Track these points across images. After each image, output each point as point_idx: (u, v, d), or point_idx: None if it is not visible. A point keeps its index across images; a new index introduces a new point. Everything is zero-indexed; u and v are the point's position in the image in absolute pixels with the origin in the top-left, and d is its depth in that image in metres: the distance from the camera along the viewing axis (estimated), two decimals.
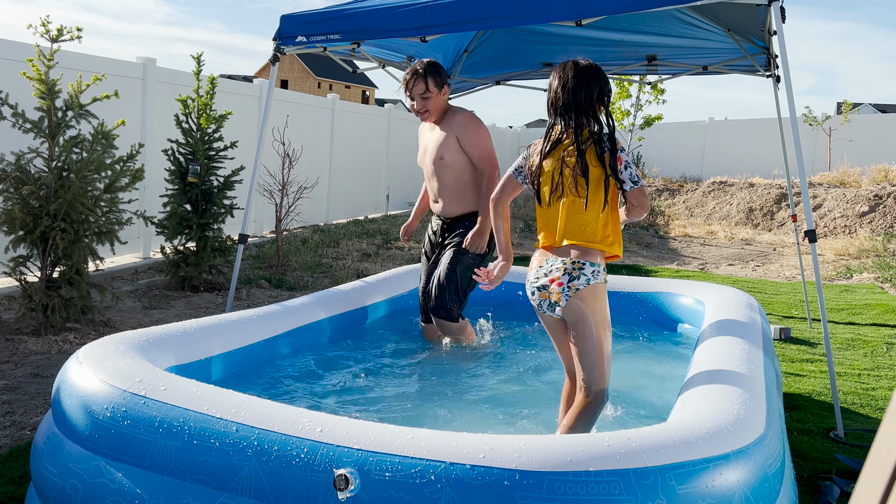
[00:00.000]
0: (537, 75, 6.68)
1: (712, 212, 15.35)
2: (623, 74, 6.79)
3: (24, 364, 4.48)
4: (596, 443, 1.87)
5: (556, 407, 3.12)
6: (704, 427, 2.02)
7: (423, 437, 1.87)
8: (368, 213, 14.39)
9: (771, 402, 2.43)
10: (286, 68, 61.55)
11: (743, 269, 10.03)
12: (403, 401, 3.26)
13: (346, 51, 5.38)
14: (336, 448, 1.84)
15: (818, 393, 4.42)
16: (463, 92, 7.07)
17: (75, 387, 2.22)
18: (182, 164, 6.76)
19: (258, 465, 1.85)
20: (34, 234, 4.85)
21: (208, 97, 6.79)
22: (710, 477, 1.86)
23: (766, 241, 12.61)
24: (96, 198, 5.11)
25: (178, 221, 6.69)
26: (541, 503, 1.72)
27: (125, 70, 7.87)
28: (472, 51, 6.41)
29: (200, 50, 6.76)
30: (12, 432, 3.50)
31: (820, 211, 13.51)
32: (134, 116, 7.95)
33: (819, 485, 3.09)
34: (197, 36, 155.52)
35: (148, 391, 2.10)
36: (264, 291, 6.99)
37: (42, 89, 4.93)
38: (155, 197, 7.55)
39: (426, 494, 1.75)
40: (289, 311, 3.60)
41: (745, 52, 5.28)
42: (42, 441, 2.22)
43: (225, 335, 3.08)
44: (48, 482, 2.09)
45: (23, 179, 4.84)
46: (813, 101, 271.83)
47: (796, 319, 6.61)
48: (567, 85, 2.78)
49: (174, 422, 1.98)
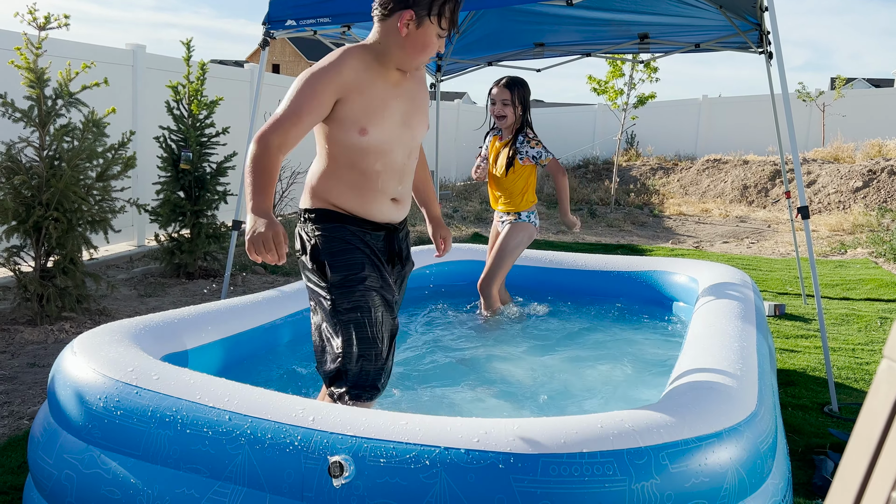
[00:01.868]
0: (529, 55, 6.65)
1: (707, 190, 15.35)
2: (615, 53, 6.75)
3: (20, 354, 4.48)
4: (589, 424, 1.88)
5: (560, 394, 3.13)
6: (696, 406, 2.03)
7: (417, 423, 1.88)
8: None
9: (763, 379, 2.44)
10: (278, 52, 61.16)
11: (738, 246, 10.05)
12: (400, 384, 3.27)
13: (336, 34, 5.34)
14: (330, 435, 1.85)
15: (812, 368, 4.45)
16: (455, 73, 7.03)
17: (70, 377, 2.22)
18: (174, 151, 6.73)
19: (252, 454, 1.86)
20: (27, 224, 4.84)
21: (199, 83, 6.75)
22: (703, 455, 1.87)
23: (761, 218, 12.62)
24: (89, 186, 5.09)
25: (171, 209, 6.68)
26: (536, 485, 1.74)
27: (114, 57, 7.81)
28: (463, 31, 6.37)
29: (190, 35, 6.71)
30: (10, 422, 3.51)
31: (814, 187, 13.52)
32: (124, 104, 7.89)
33: (813, 459, 3.12)
34: (186, 21, 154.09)
35: (140, 381, 2.10)
36: (260, 277, 6.98)
37: (31, 78, 4.89)
38: (148, 184, 7.52)
39: (421, 480, 1.76)
40: (285, 297, 3.60)
41: (738, 28, 5.25)
42: (38, 432, 2.22)
43: (221, 322, 3.08)
44: (44, 472, 2.10)
45: (14, 169, 4.82)
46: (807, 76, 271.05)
47: (791, 296, 6.63)
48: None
49: (167, 411, 1.98)
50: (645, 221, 12.37)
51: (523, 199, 4.50)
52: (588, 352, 3.84)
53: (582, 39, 6.22)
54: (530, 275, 4.98)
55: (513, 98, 4.39)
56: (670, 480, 1.81)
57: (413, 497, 1.75)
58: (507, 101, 4.39)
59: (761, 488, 2.02)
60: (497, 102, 4.41)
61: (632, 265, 4.83)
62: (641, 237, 10.84)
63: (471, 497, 1.74)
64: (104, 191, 5.17)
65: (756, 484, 1.99)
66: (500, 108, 4.41)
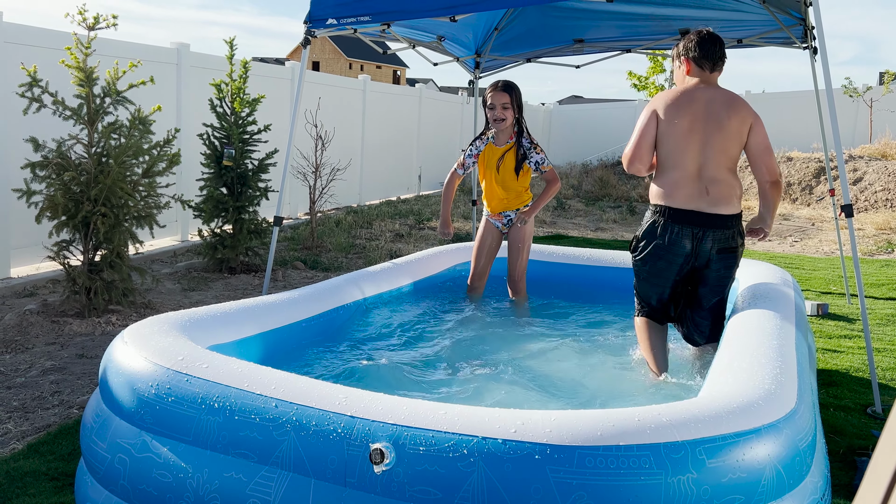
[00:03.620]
0: (568, 52, 6.63)
1: (749, 187, 15.12)
2: (656, 49, 6.71)
3: (69, 345, 4.62)
4: (626, 417, 1.89)
5: (595, 388, 3.15)
6: (735, 402, 2.03)
7: (456, 412, 1.92)
8: (400, 194, 14.45)
9: (803, 377, 2.43)
10: (318, 50, 61.67)
11: (780, 244, 9.90)
12: (438, 375, 3.31)
13: (376, 32, 5.39)
14: (371, 423, 1.89)
15: (855, 369, 4.38)
16: (493, 70, 7.05)
17: (121, 365, 2.31)
18: (217, 147, 6.86)
19: (297, 440, 1.92)
20: (76, 219, 4.98)
21: (241, 81, 6.87)
22: (741, 451, 1.88)
23: (805, 216, 12.40)
24: (135, 182, 5.22)
25: (214, 205, 6.81)
26: (572, 476, 1.76)
27: (160, 56, 7.98)
28: (502, 29, 6.39)
29: (232, 33, 6.86)
30: (60, 411, 3.63)
31: (860, 184, 13.24)
32: (169, 101, 8.07)
33: (855, 460, 3.09)
34: (228, 19, 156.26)
35: (190, 369, 2.18)
36: (300, 272, 7.09)
37: (80, 77, 5.04)
38: (191, 181, 7.68)
39: (459, 468, 1.79)
40: (325, 292, 3.66)
41: (781, 23, 5.18)
42: (91, 418, 2.31)
43: (264, 316, 3.15)
44: (98, 457, 2.18)
45: (64, 165, 4.97)
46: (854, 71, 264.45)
47: (834, 295, 6.52)
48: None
49: (216, 398, 2.05)
50: None
51: (526, 194, 4.71)
52: (621, 347, 3.84)
53: (622, 35, 6.19)
54: (560, 270, 4.99)
55: (511, 101, 4.50)
56: (707, 475, 1.82)
57: (451, 485, 1.79)
58: (506, 105, 4.49)
59: (800, 486, 2.02)
60: (497, 106, 4.49)
61: None
62: None
63: (507, 486, 1.77)
64: (150, 187, 5.30)
65: (795, 482, 1.99)
66: (500, 112, 4.50)
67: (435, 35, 6.02)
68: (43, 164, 4.95)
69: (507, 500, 1.77)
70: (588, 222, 11.70)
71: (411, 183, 15.01)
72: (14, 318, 4.97)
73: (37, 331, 4.84)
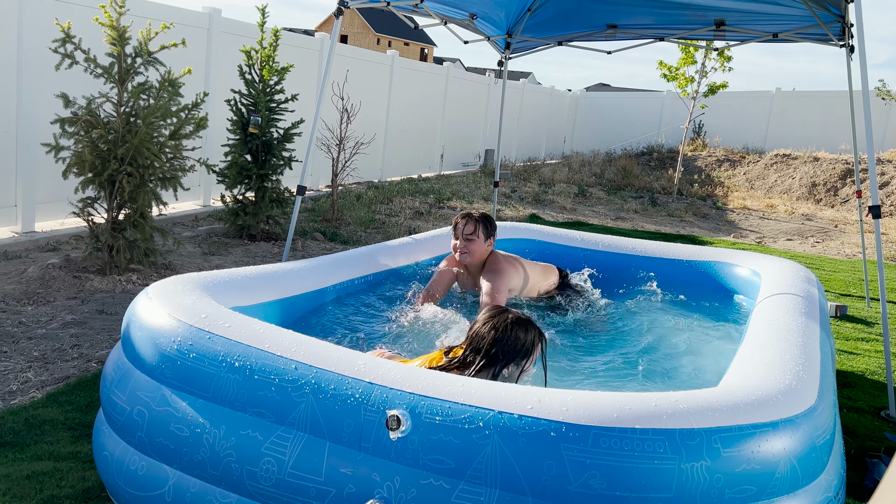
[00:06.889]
0: (601, 37, 6.57)
1: (773, 185, 14.97)
2: (689, 39, 6.62)
3: (90, 301, 4.68)
4: (644, 402, 1.89)
5: (614, 374, 3.14)
6: (754, 394, 2.02)
7: (474, 385, 1.93)
8: (422, 172, 14.43)
9: (825, 376, 2.41)
10: (346, 24, 61.45)
11: (802, 244, 9.81)
12: None
13: (409, 6, 5.37)
14: (389, 390, 1.91)
15: (871, 372, 4.35)
16: (524, 52, 7.00)
17: (144, 320, 2.33)
18: (244, 114, 6.88)
19: (315, 402, 1.93)
20: (102, 177, 5.02)
21: (271, 49, 6.87)
22: (756, 443, 1.87)
23: (828, 218, 12.27)
24: (161, 144, 5.25)
25: (238, 171, 6.84)
26: (585, 455, 1.76)
27: (191, 19, 7.99)
28: (535, 10, 6.33)
29: (264, 1, 6.81)
30: (80, 364, 3.68)
31: (887, 189, 13.07)
32: (198, 66, 8.08)
33: (866, 462, 3.07)
34: None
35: (213, 327, 2.20)
36: (319, 244, 7.12)
37: (113, 35, 5.06)
38: (216, 146, 7.71)
39: (474, 440, 1.80)
40: (346, 262, 3.68)
41: (819, 19, 5.10)
42: (112, 370, 2.34)
43: (284, 282, 3.17)
44: (117, 408, 2.21)
45: (93, 123, 5.00)
46: (887, 74, 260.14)
47: (854, 298, 6.47)
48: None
49: (237, 357, 2.07)
50: (707, 213, 12.14)
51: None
52: (643, 336, 3.82)
53: (656, 23, 6.12)
54: (585, 256, 4.97)
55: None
56: (721, 464, 1.82)
57: (465, 456, 1.80)
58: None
59: (814, 482, 2.01)
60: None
61: (693, 254, 4.77)
62: (703, 229, 10.65)
63: (521, 461, 1.78)
64: (176, 149, 5.33)
65: (810, 477, 1.98)
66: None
67: (467, 12, 5.98)
68: (72, 120, 4.99)
69: (520, 474, 1.78)
70: (609, 211, 11.64)
71: (433, 162, 14.98)
72: (37, 272, 5.04)
73: (58, 285, 4.90)
